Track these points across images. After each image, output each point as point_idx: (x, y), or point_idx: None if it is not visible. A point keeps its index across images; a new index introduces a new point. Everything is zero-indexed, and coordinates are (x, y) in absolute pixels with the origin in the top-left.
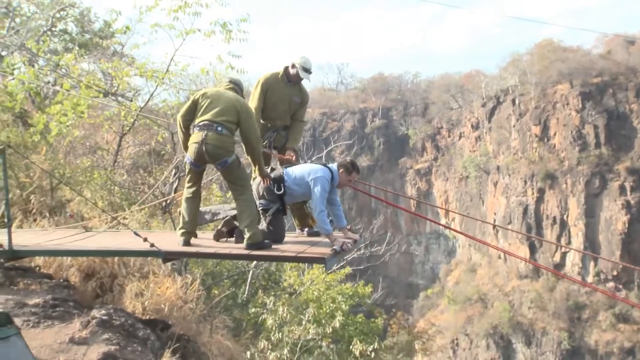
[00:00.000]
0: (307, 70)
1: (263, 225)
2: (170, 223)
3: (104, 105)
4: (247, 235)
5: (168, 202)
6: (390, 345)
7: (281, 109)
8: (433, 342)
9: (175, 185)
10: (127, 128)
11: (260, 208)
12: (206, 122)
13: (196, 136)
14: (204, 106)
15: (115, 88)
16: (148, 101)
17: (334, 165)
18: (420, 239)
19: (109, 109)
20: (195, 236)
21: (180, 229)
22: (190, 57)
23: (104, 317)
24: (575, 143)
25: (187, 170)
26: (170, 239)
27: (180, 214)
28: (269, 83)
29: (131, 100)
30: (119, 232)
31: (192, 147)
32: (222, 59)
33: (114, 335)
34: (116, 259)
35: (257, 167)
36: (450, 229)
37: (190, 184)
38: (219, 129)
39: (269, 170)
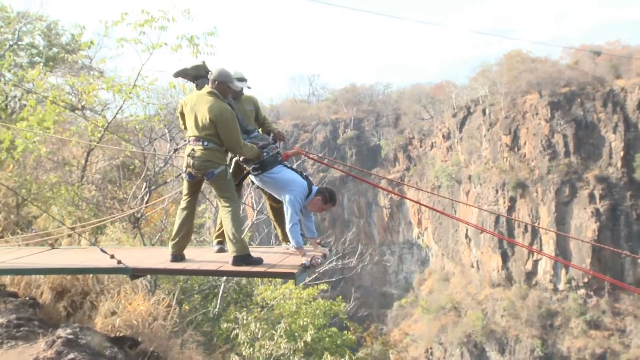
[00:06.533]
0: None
1: None
2: (140, 239)
3: (71, 120)
4: (232, 249)
5: (138, 217)
6: (364, 357)
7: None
8: (407, 354)
9: (146, 199)
10: (95, 143)
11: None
12: (193, 137)
13: (186, 149)
14: (188, 119)
15: (83, 103)
16: (116, 115)
17: (315, 187)
18: (394, 249)
19: (76, 124)
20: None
21: (171, 240)
22: (158, 71)
23: (70, 336)
24: (545, 152)
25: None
26: (139, 255)
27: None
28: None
29: (99, 114)
30: (86, 248)
31: (184, 160)
32: None
33: (80, 354)
34: (89, 275)
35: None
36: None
37: (185, 195)
38: (205, 143)
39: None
